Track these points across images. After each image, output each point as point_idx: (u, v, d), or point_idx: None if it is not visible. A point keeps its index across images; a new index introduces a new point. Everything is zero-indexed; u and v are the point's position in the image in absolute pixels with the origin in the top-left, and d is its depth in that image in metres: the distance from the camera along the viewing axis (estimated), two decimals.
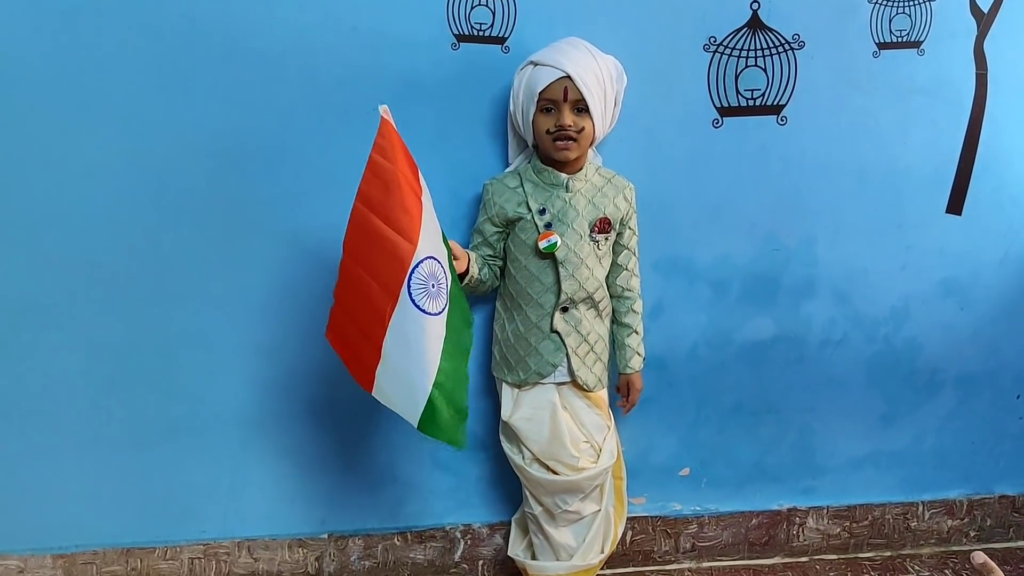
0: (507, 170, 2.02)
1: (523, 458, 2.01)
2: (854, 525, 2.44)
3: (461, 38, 1.95)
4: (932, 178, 2.20)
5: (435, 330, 1.62)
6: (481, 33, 1.95)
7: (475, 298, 2.06)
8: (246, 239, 2.03)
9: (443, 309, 1.64)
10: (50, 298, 2.02)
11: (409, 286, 1.57)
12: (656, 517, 2.37)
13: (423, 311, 1.60)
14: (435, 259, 1.63)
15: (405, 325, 1.60)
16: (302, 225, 2.02)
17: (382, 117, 1.57)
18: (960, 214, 2.22)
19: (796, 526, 2.42)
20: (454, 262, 1.80)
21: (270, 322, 2.08)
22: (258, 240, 2.03)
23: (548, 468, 1.98)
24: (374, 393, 1.70)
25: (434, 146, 1.98)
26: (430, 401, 1.63)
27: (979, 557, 1.27)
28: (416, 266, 1.57)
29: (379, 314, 1.62)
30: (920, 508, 2.45)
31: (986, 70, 2.12)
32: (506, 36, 1.96)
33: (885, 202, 2.19)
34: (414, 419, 1.65)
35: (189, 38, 1.89)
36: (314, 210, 2.01)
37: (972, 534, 2.49)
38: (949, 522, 2.48)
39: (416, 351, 1.62)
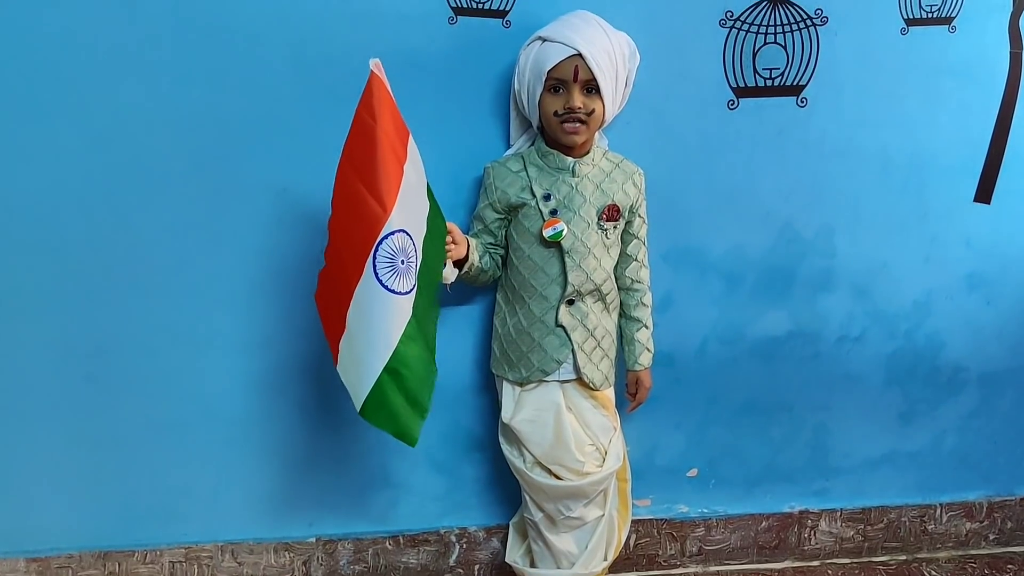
0: (509, 152, 1.95)
1: (524, 462, 1.94)
2: (869, 528, 2.40)
3: (459, 11, 1.88)
4: (960, 165, 2.14)
5: (396, 310, 1.52)
6: (481, 6, 1.88)
7: (474, 289, 2.01)
8: (230, 227, 1.96)
9: (410, 290, 1.55)
10: (21, 290, 1.96)
11: (375, 257, 1.49)
12: (662, 520, 2.32)
13: (386, 287, 1.50)
14: (407, 234, 1.53)
15: (365, 299, 1.52)
16: (290, 213, 1.95)
17: (372, 71, 1.49)
18: (989, 203, 2.16)
19: (808, 529, 2.38)
20: (454, 247, 1.74)
21: (255, 315, 2.02)
22: (243, 228, 1.96)
23: (551, 472, 1.91)
24: (337, 367, 1.63)
25: (431, 127, 1.89)
26: (378, 385, 1.55)
27: None
28: (385, 237, 1.48)
29: (348, 282, 1.54)
30: (938, 510, 2.41)
31: (1021, 49, 2.06)
32: (508, 9, 1.89)
33: (909, 190, 2.14)
34: (358, 402, 1.58)
35: (166, 12, 1.82)
36: (302, 197, 1.93)
37: (992, 537, 2.46)
38: (968, 525, 2.44)
39: (372, 329, 1.53)
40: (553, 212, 1.81)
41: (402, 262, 1.51)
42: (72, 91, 1.83)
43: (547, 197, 1.81)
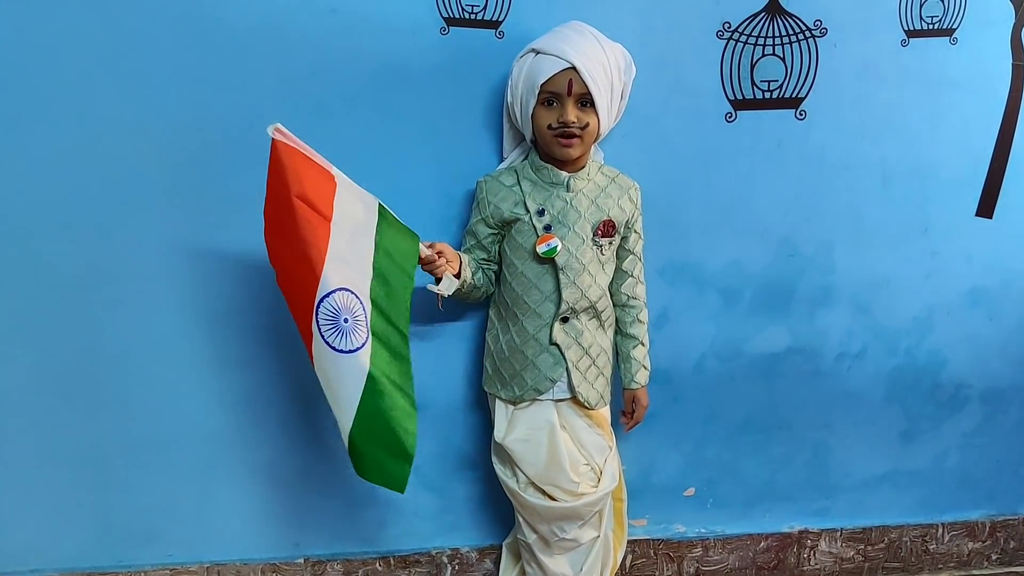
0: (502, 166, 1.92)
1: (517, 482, 1.91)
2: (869, 548, 2.38)
3: (451, 22, 1.85)
4: (962, 178, 2.12)
5: (349, 369, 1.54)
6: (473, 16, 1.85)
7: (466, 305, 1.98)
8: (213, 241, 1.92)
9: (362, 344, 1.54)
10: None
11: (318, 322, 1.50)
12: (658, 540, 2.29)
13: (334, 348, 1.51)
14: (348, 291, 1.52)
15: (321, 361, 1.55)
16: None
17: (272, 139, 1.46)
18: (991, 218, 2.14)
19: (808, 549, 2.36)
20: (447, 265, 1.71)
21: (238, 330, 1.99)
22: (226, 242, 1.93)
23: (545, 493, 1.88)
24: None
25: (422, 140, 1.90)
26: (351, 444, 1.59)
27: None
28: (322, 300, 1.49)
29: (306, 342, 1.56)
30: (940, 530, 2.40)
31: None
32: (500, 20, 1.85)
33: (910, 205, 2.11)
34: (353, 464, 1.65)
35: (149, 20, 1.78)
36: None
37: (994, 557, 2.45)
38: (970, 545, 2.42)
39: (332, 390, 1.57)
40: (547, 228, 1.78)
41: (345, 320, 1.51)
42: (52, 101, 1.80)
43: (541, 212, 1.78)
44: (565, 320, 1.82)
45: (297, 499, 2.12)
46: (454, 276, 1.75)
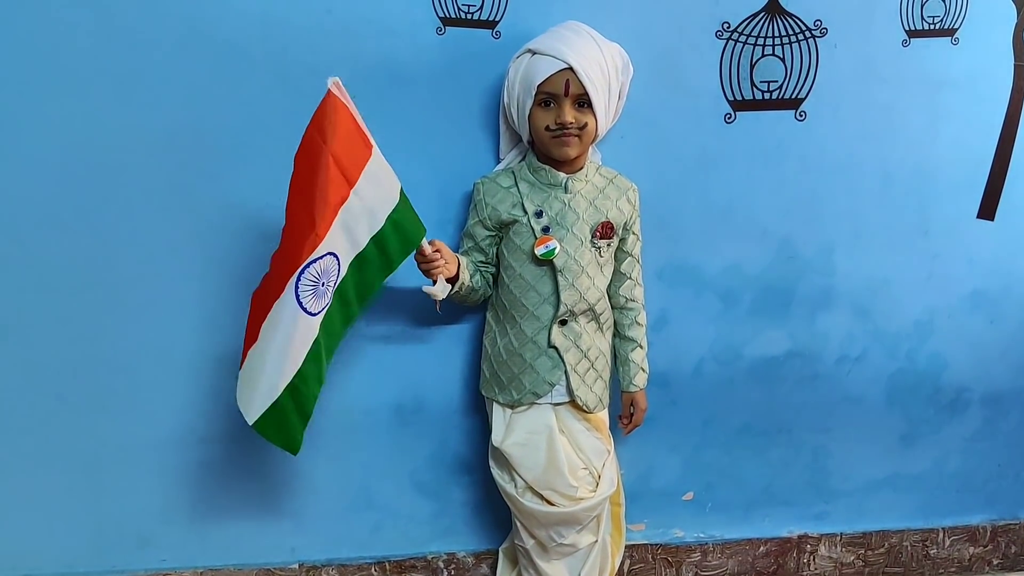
0: (499, 167, 1.90)
1: (515, 487, 1.89)
2: (869, 553, 2.37)
3: (447, 21, 1.83)
4: (963, 180, 2.11)
5: (306, 330, 1.53)
6: (470, 16, 1.83)
7: (463, 308, 1.95)
8: (208, 243, 1.90)
9: (321, 310, 1.55)
10: None
11: (299, 278, 1.48)
12: (656, 545, 2.27)
13: (303, 308, 1.51)
14: (335, 256, 1.53)
15: (281, 316, 1.52)
16: (269, 227, 1.84)
17: (329, 90, 1.46)
18: (992, 220, 2.14)
19: (807, 554, 2.34)
20: (444, 266, 1.69)
21: (234, 332, 1.90)
22: (221, 244, 1.90)
23: (542, 498, 1.86)
24: (240, 372, 1.63)
25: (418, 141, 1.89)
26: (277, 403, 1.56)
27: None
28: (313, 261, 1.48)
29: (274, 293, 1.53)
30: (940, 534, 2.39)
31: None
32: (497, 19, 1.84)
33: (911, 206, 2.11)
34: (251, 417, 1.58)
35: (142, 20, 1.76)
36: (283, 211, 1.79)
37: (995, 562, 2.44)
38: (971, 549, 2.42)
39: (281, 345, 1.53)
40: (545, 229, 1.76)
41: (323, 284, 1.52)
42: (46, 102, 1.77)
43: (539, 214, 1.77)
44: (563, 323, 1.81)
45: (292, 503, 2.10)
46: (451, 279, 1.73)
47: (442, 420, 2.07)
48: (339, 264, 1.54)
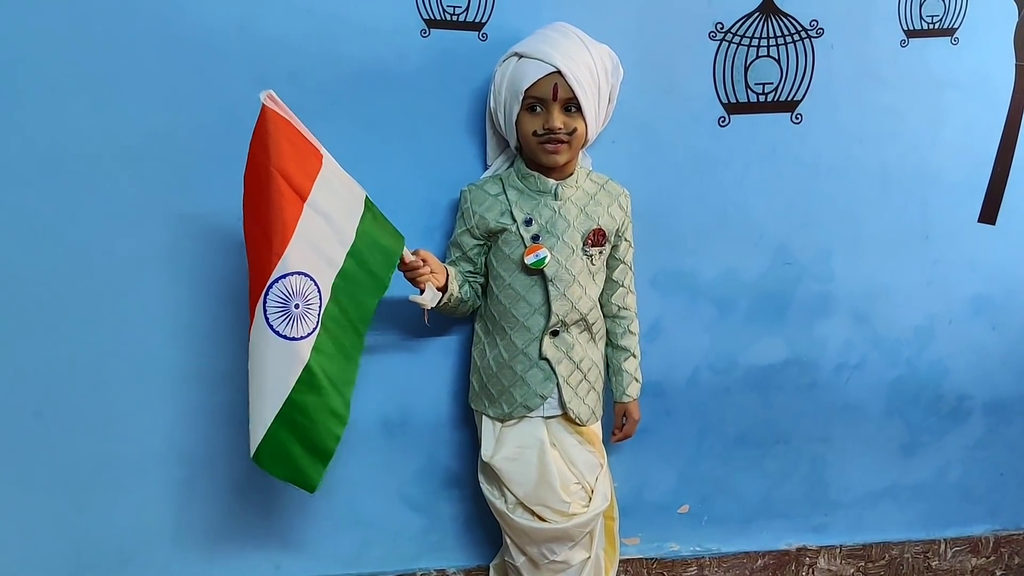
0: (486, 174, 1.88)
1: (505, 503, 1.85)
2: (870, 565, 2.36)
3: (432, 23, 1.81)
4: (964, 183, 2.10)
5: (288, 356, 1.48)
6: (455, 17, 1.81)
7: (451, 319, 1.93)
8: (186, 253, 1.87)
9: (309, 334, 1.49)
10: None
11: (265, 301, 1.45)
12: (651, 559, 2.26)
13: (276, 332, 1.46)
14: (307, 276, 1.48)
15: (257, 343, 1.49)
16: None
17: (263, 105, 1.42)
18: (994, 224, 2.13)
19: (806, 567, 2.33)
20: (431, 275, 1.65)
21: (216, 345, 1.93)
22: (200, 254, 1.87)
23: (534, 514, 1.82)
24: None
25: (403, 147, 1.86)
26: (270, 434, 1.52)
27: None
28: (276, 281, 1.44)
29: (250, 321, 1.51)
30: (942, 546, 2.38)
31: None
32: (484, 21, 1.82)
33: (910, 210, 2.10)
34: (251, 450, 1.55)
35: (117, 22, 1.73)
36: None
37: (998, 573, 2.43)
38: (974, 560, 2.41)
39: (263, 375, 1.50)
40: (535, 238, 1.73)
41: (296, 306, 1.46)
42: (15, 109, 1.74)
43: (528, 222, 1.73)
44: (555, 333, 1.77)
45: (277, 520, 2.07)
46: (439, 289, 1.70)
47: (430, 433, 2.04)
48: (317, 285, 1.50)
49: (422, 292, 1.66)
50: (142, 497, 2.01)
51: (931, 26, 1.96)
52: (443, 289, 1.71)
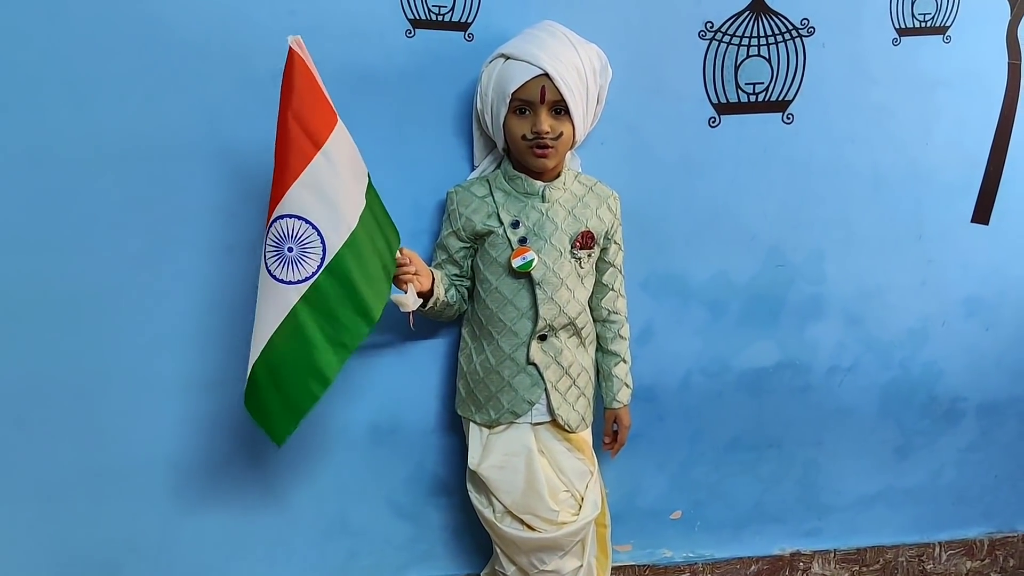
0: (473, 175, 1.85)
1: (494, 512, 1.83)
2: (864, 569, 2.35)
3: (417, 24, 1.79)
4: (956, 183, 2.10)
5: (275, 299, 1.50)
6: (440, 18, 1.79)
7: (438, 323, 1.91)
8: (172, 257, 1.84)
9: (297, 281, 1.49)
10: None
11: (265, 239, 1.49)
12: (644, 566, 2.24)
13: (269, 272, 1.49)
14: (308, 223, 1.47)
15: (260, 281, 1.52)
16: (238, 240, 1.84)
17: (290, 48, 1.44)
18: (987, 224, 2.13)
19: (800, 572, 2.32)
20: (415, 278, 1.64)
21: (201, 352, 1.91)
22: (186, 257, 1.85)
23: (523, 523, 1.80)
24: None
25: (388, 148, 1.84)
26: (252, 375, 1.54)
27: None
28: (275, 221, 1.46)
29: None
30: (937, 549, 2.37)
31: (1020, 59, 2.03)
32: (469, 21, 1.80)
33: (903, 211, 2.09)
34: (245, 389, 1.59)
35: (98, 22, 1.70)
36: (251, 222, 1.82)
37: None
38: (968, 563, 2.40)
39: (257, 313, 1.52)
40: (522, 240, 1.71)
41: (290, 249, 1.47)
42: None
43: (515, 224, 1.71)
44: (543, 338, 1.75)
45: (264, 529, 2.04)
46: (425, 294, 1.68)
47: (419, 440, 2.02)
48: (319, 233, 1.48)
49: (405, 292, 1.64)
50: (129, 507, 1.98)
51: (923, 24, 1.95)
52: (428, 294, 1.69)
